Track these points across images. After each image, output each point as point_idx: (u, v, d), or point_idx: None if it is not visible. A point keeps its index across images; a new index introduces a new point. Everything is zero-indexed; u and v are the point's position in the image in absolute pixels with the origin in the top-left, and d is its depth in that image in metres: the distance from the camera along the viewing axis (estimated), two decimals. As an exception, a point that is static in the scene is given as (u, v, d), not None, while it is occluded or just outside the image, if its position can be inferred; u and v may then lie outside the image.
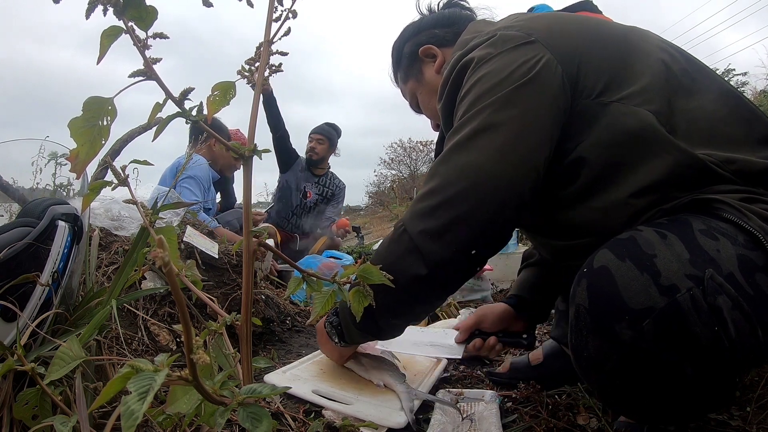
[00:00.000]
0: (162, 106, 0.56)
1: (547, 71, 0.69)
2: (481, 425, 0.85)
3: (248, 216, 0.67)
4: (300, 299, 1.70)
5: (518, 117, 0.68)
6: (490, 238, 0.71)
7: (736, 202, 0.64)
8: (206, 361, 0.38)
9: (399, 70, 1.05)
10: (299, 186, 3.13)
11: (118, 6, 0.50)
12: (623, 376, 0.59)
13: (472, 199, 0.68)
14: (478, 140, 0.69)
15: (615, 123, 0.69)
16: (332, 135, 3.13)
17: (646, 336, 0.55)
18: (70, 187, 1.10)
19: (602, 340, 0.59)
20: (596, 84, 0.70)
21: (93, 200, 0.70)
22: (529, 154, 0.69)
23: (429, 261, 0.71)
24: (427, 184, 0.74)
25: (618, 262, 0.59)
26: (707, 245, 0.59)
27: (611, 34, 0.76)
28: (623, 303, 0.57)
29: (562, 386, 1.02)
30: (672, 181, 0.67)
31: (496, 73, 0.71)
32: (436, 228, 0.70)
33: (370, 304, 0.72)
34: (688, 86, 0.71)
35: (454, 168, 0.70)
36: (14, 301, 0.67)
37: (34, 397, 0.59)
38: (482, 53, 0.75)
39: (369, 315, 0.75)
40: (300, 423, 0.84)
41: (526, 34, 0.73)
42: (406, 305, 0.78)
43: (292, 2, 0.66)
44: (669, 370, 0.57)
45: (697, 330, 0.55)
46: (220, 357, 0.88)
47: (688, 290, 0.55)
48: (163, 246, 0.32)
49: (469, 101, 0.72)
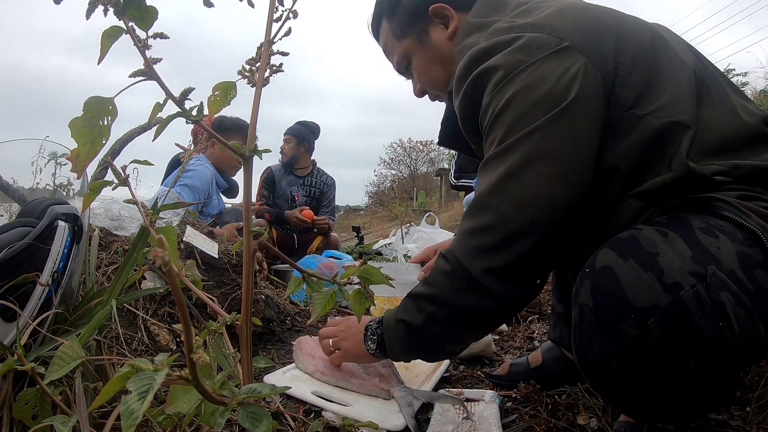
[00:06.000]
0: (162, 106, 0.56)
1: (587, 83, 0.67)
2: (481, 425, 0.85)
3: (248, 216, 0.67)
4: (300, 299, 1.70)
5: (568, 141, 0.66)
6: (552, 264, 0.71)
7: (733, 199, 0.64)
8: (206, 361, 0.38)
9: (391, 20, 0.92)
10: (285, 193, 3.06)
11: (118, 6, 0.50)
12: (629, 375, 0.59)
13: (535, 233, 0.66)
14: (530, 170, 0.66)
15: (646, 135, 0.68)
16: (301, 133, 3.04)
17: (651, 334, 0.55)
18: (70, 187, 1.10)
19: (607, 340, 0.59)
20: (630, 93, 0.69)
21: (93, 200, 0.70)
22: (580, 177, 0.68)
23: (496, 297, 0.69)
24: (478, 217, 0.70)
25: (621, 261, 0.59)
26: (708, 243, 0.59)
27: (640, 32, 0.75)
28: (628, 302, 0.57)
29: (562, 386, 1.02)
30: (672, 188, 0.67)
31: (534, 88, 0.67)
32: (502, 266, 0.68)
33: (420, 329, 0.73)
34: (707, 95, 0.72)
35: (510, 201, 0.67)
36: (14, 301, 0.67)
37: (34, 397, 0.59)
38: (512, 60, 0.70)
39: (421, 340, 0.77)
40: (300, 423, 0.84)
41: (558, 39, 0.69)
42: (467, 334, 0.78)
43: (293, 2, 0.66)
44: (674, 368, 0.57)
45: (702, 326, 0.55)
46: (220, 357, 0.88)
47: (692, 287, 0.56)
48: (163, 246, 0.32)
49: (510, 121, 0.68)
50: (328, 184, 3.20)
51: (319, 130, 3.14)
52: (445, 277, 0.73)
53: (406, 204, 8.80)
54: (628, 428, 0.78)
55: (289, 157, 3.03)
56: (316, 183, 3.15)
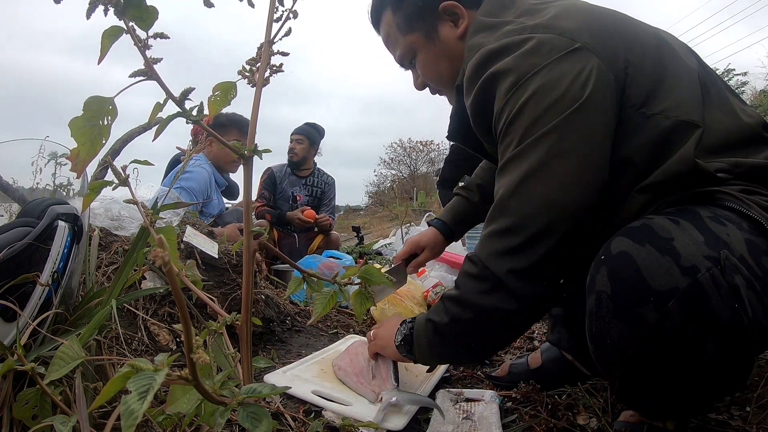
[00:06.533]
0: (162, 106, 0.56)
1: (601, 83, 0.68)
2: (481, 425, 0.85)
3: (248, 216, 0.67)
4: (300, 299, 1.70)
5: (585, 140, 0.67)
6: (572, 262, 0.72)
7: (736, 192, 0.66)
8: (206, 361, 0.38)
9: (397, 13, 0.91)
10: (286, 194, 3.08)
11: (118, 6, 0.50)
12: (647, 362, 0.60)
13: (557, 233, 0.67)
14: (549, 170, 0.67)
15: (657, 133, 0.69)
16: (312, 135, 3.06)
17: (671, 317, 0.56)
18: (70, 187, 1.10)
19: (626, 325, 0.59)
20: (640, 92, 0.70)
21: (93, 200, 0.70)
22: (598, 175, 0.68)
23: (520, 297, 0.70)
24: (500, 220, 0.71)
25: (638, 246, 0.60)
26: (718, 230, 0.61)
27: (645, 34, 0.76)
28: (647, 285, 0.57)
29: (562, 386, 1.02)
30: (678, 182, 0.69)
31: (548, 90, 0.68)
32: (526, 267, 0.69)
33: (445, 328, 0.75)
34: (708, 97, 0.73)
35: (530, 202, 0.68)
36: (14, 301, 0.67)
37: (34, 397, 0.59)
38: (525, 63, 0.70)
39: (446, 340, 0.78)
40: (300, 423, 0.84)
41: (570, 39, 0.69)
42: (491, 335, 0.78)
43: (293, 2, 0.66)
44: (692, 352, 0.57)
45: (719, 308, 0.56)
46: (220, 357, 0.87)
47: (708, 270, 0.56)
48: (163, 246, 0.32)
49: (526, 124, 0.69)
50: (329, 183, 3.21)
51: (324, 131, 3.16)
52: (470, 279, 0.74)
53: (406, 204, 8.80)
54: (628, 428, 0.78)
55: (300, 157, 3.04)
56: (318, 183, 3.16)
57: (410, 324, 0.88)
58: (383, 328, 0.97)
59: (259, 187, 3.10)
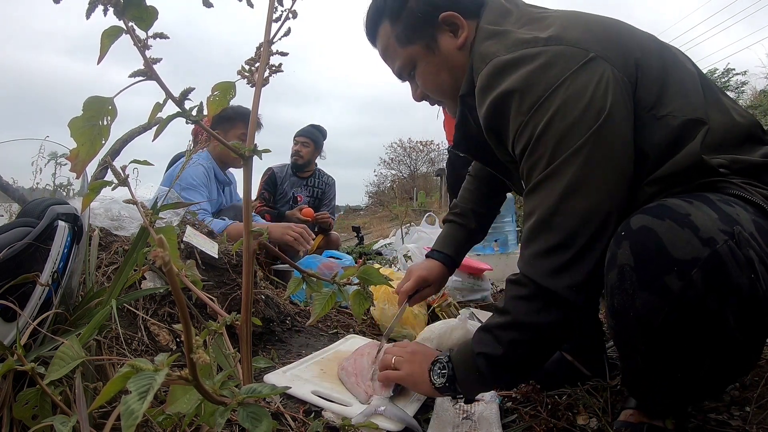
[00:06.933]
0: (162, 106, 0.56)
1: (619, 88, 0.70)
2: (481, 425, 0.85)
3: (248, 216, 0.67)
4: (300, 299, 1.70)
5: (615, 149, 0.69)
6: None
7: (739, 182, 0.69)
8: (206, 361, 0.38)
9: (395, 25, 0.88)
10: (287, 194, 3.07)
11: (118, 6, 0.50)
12: (670, 334, 0.62)
13: (603, 241, 0.69)
14: (588, 185, 0.69)
15: (667, 133, 0.71)
16: (317, 137, 3.07)
17: (695, 285, 0.58)
18: (70, 187, 1.10)
19: (651, 295, 0.61)
20: (650, 95, 0.72)
21: (93, 200, 0.70)
22: (628, 177, 0.71)
23: (579, 308, 0.71)
24: (546, 238, 0.71)
25: (658, 221, 0.62)
26: (728, 209, 0.63)
27: (646, 39, 0.79)
28: (670, 255, 0.60)
29: (562, 386, 1.02)
30: (684, 175, 0.71)
31: (573, 102, 0.68)
32: (583, 279, 0.70)
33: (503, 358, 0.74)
34: (707, 98, 0.76)
35: (575, 217, 0.69)
36: (14, 301, 0.67)
37: (34, 397, 0.59)
38: (543, 78, 0.70)
39: (505, 369, 0.77)
40: (300, 423, 0.84)
41: (584, 50, 0.70)
42: (549, 351, 0.78)
43: (293, 2, 0.66)
44: (713, 321, 0.60)
45: (737, 279, 0.59)
46: (220, 357, 0.88)
47: (725, 242, 0.59)
48: (163, 246, 0.32)
49: (555, 140, 0.69)
50: (329, 183, 3.22)
51: (326, 133, 3.17)
52: (522, 301, 0.74)
53: (406, 204, 8.80)
54: (628, 428, 0.79)
55: (306, 160, 3.05)
56: (318, 183, 3.18)
57: (446, 361, 0.83)
58: (408, 362, 0.90)
59: (259, 187, 3.10)
